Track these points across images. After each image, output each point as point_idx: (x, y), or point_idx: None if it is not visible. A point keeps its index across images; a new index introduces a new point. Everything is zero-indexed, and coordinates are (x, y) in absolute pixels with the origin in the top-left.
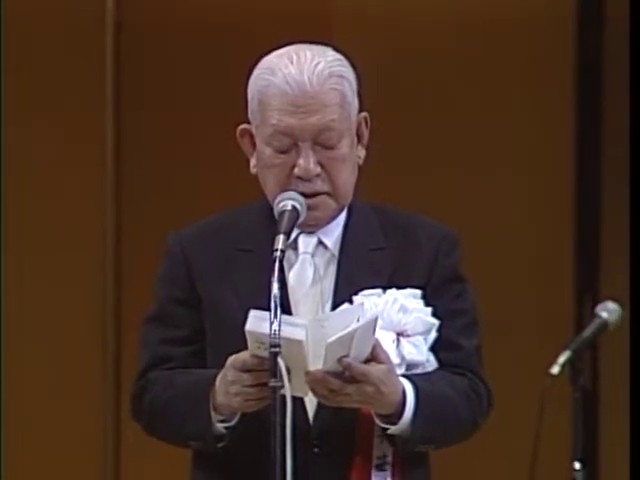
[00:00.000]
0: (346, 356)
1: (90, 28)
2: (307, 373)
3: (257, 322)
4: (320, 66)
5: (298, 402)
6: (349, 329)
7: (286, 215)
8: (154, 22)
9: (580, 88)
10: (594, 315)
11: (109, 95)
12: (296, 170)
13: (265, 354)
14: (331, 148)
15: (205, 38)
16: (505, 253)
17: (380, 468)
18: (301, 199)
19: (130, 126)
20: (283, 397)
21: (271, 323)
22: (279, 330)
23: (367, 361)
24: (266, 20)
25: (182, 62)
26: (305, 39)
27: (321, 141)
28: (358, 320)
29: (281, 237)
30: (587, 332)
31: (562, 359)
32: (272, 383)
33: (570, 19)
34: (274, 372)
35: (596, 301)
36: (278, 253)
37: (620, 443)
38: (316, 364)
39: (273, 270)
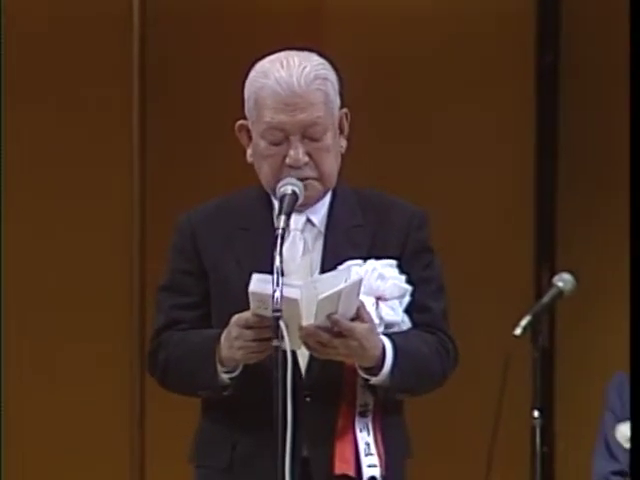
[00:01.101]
0: (334, 313)
1: (116, 28)
2: (301, 328)
3: (259, 284)
4: (307, 70)
5: (292, 360)
6: (338, 288)
7: (287, 198)
8: (179, 19)
9: (539, 83)
10: (551, 285)
11: (135, 89)
12: (287, 160)
13: (266, 313)
14: (317, 140)
15: (219, 38)
16: (476, 232)
17: (363, 414)
18: (300, 184)
19: (154, 119)
20: (283, 352)
21: (274, 291)
22: (281, 298)
23: (352, 320)
24: (264, 21)
25: (203, 59)
26: (299, 38)
27: (308, 134)
28: (346, 281)
29: (282, 217)
30: (545, 299)
31: (524, 322)
32: (274, 343)
33: (531, 17)
34: (276, 333)
35: (553, 272)
36: (280, 231)
37: (572, 394)
38: (309, 320)
39: (275, 245)
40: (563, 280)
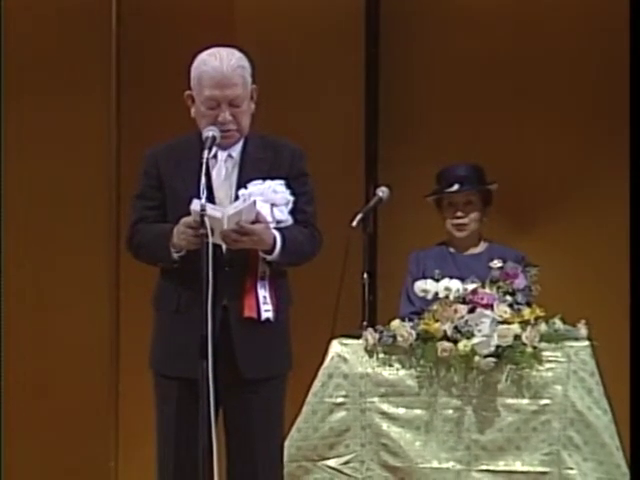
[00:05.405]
0: (240, 221)
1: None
2: (221, 231)
3: (196, 205)
4: (232, 61)
5: (218, 247)
6: (240, 207)
7: (209, 139)
8: (149, 17)
9: (367, 68)
10: (374, 194)
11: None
12: (219, 119)
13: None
14: (237, 107)
15: (176, 31)
16: (327, 160)
17: (262, 278)
18: (217, 131)
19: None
20: (208, 242)
21: (201, 203)
22: (205, 205)
23: (253, 222)
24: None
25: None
26: (216, 37)
27: (232, 103)
28: (244, 202)
29: (206, 151)
30: (371, 203)
31: (358, 217)
32: (201, 231)
33: (361, 20)
34: (202, 223)
35: (376, 186)
36: (205, 160)
37: (388, 264)
38: (225, 226)
39: (202, 170)
40: (382, 191)
